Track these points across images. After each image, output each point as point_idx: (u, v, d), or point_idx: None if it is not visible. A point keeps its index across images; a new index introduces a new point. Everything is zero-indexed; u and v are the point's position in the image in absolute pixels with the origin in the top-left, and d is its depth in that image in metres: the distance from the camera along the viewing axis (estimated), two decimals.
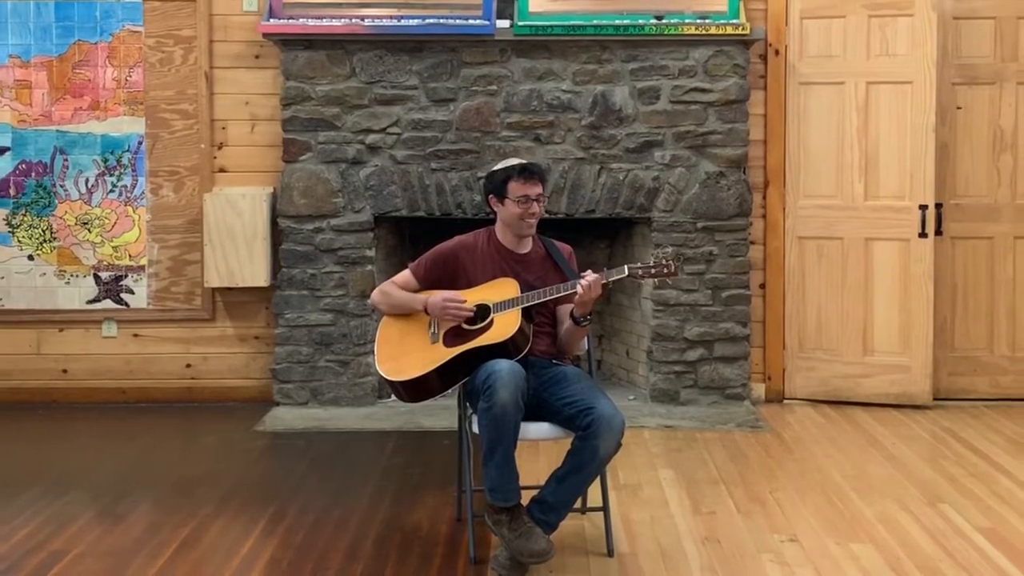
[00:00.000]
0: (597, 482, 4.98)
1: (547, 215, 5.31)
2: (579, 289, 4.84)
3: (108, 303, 7.85)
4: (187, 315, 7.88)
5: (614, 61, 7.53)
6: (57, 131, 7.78)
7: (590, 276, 4.85)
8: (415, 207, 7.58)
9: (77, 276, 7.83)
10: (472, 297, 5.03)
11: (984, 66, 7.81)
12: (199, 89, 7.78)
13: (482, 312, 4.97)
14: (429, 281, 5.17)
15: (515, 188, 5.05)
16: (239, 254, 7.56)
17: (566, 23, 7.43)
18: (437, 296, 5.01)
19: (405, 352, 5.04)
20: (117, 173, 7.80)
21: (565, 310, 5.09)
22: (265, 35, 7.47)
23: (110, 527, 5.35)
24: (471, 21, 7.45)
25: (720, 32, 7.44)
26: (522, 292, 4.97)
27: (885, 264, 7.66)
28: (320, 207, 7.56)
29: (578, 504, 5.10)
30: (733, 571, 4.81)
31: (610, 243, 8.27)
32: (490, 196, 5.17)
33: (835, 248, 7.77)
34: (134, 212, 7.82)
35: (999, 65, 7.80)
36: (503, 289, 5.01)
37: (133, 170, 7.80)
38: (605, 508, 5.06)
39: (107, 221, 7.81)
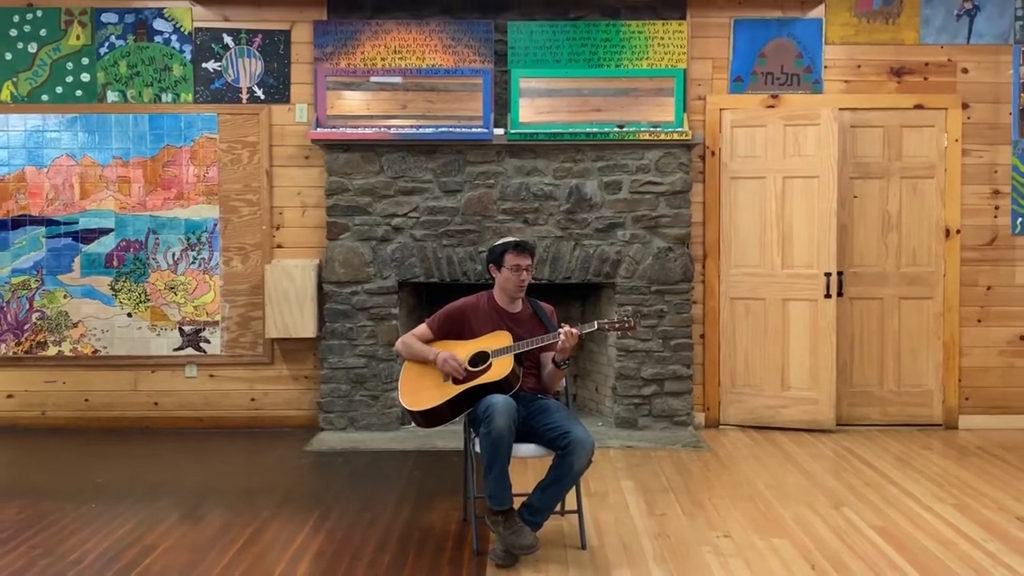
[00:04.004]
0: (573, 490, 4.99)
1: (533, 281, 5.32)
2: (560, 339, 4.88)
3: (190, 350, 7.84)
4: (252, 360, 7.87)
5: (585, 160, 7.54)
6: (150, 216, 7.79)
7: (567, 329, 4.87)
8: (430, 275, 7.58)
9: (166, 329, 7.83)
10: (474, 346, 5.04)
11: (875, 164, 7.84)
12: (261, 183, 7.80)
13: (482, 357, 4.98)
14: (442, 332, 5.18)
15: (510, 259, 5.08)
16: (292, 312, 7.56)
17: (548, 131, 7.46)
18: (444, 355, 5.01)
19: (422, 388, 5.04)
20: (197, 249, 7.81)
21: (547, 356, 5.11)
22: (313, 141, 7.51)
23: (191, 526, 5.35)
24: (474, 129, 7.48)
25: (668, 138, 7.46)
26: (514, 342, 4.98)
27: (798, 319, 7.65)
28: (356, 275, 7.57)
29: (558, 508, 5.10)
30: (680, 560, 4.81)
31: (583, 302, 8.24)
32: (490, 265, 5.17)
33: (759, 307, 7.77)
34: (210, 279, 7.83)
35: (886, 163, 7.83)
36: (499, 339, 5.02)
37: (210, 246, 7.81)
38: (579, 511, 5.06)
39: (189, 286, 7.82)
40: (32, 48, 7.75)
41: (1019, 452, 7.09)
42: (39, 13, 7.74)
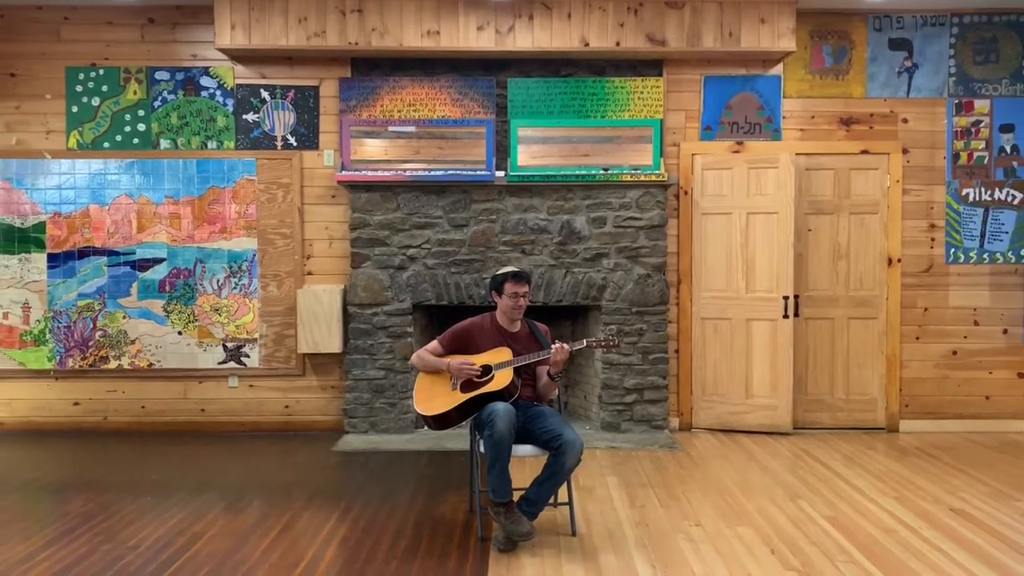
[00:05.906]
0: (565, 485, 5.04)
1: (530, 304, 5.38)
2: (551, 354, 4.91)
3: (232, 364, 7.87)
4: (286, 372, 7.88)
5: (575, 198, 7.57)
6: (198, 247, 7.83)
7: (559, 346, 4.90)
8: (440, 298, 7.59)
9: (211, 345, 7.87)
10: (478, 360, 5.07)
11: (826, 201, 7.86)
12: (294, 219, 7.83)
13: (486, 370, 5.02)
14: (451, 348, 5.19)
15: (509, 287, 5.11)
16: (321, 330, 7.58)
17: (542, 173, 7.50)
18: (456, 361, 5.06)
19: (434, 396, 5.07)
20: (239, 276, 7.84)
21: (542, 369, 5.14)
22: (339, 182, 7.53)
23: (233, 516, 5.38)
24: (478, 171, 7.51)
25: (647, 179, 7.50)
26: (513, 357, 5.03)
27: (760, 336, 7.67)
28: (376, 298, 7.60)
29: (552, 500, 5.10)
30: (657, 546, 4.84)
31: (573, 322, 8.22)
32: (493, 292, 5.21)
33: (726, 326, 7.78)
34: (250, 302, 7.86)
35: (837, 200, 7.86)
36: (501, 355, 5.06)
37: (249, 274, 7.84)
38: (570, 503, 5.10)
39: (232, 308, 7.86)
40: (95, 102, 7.84)
41: (953, 452, 7.12)
42: (101, 71, 7.84)
